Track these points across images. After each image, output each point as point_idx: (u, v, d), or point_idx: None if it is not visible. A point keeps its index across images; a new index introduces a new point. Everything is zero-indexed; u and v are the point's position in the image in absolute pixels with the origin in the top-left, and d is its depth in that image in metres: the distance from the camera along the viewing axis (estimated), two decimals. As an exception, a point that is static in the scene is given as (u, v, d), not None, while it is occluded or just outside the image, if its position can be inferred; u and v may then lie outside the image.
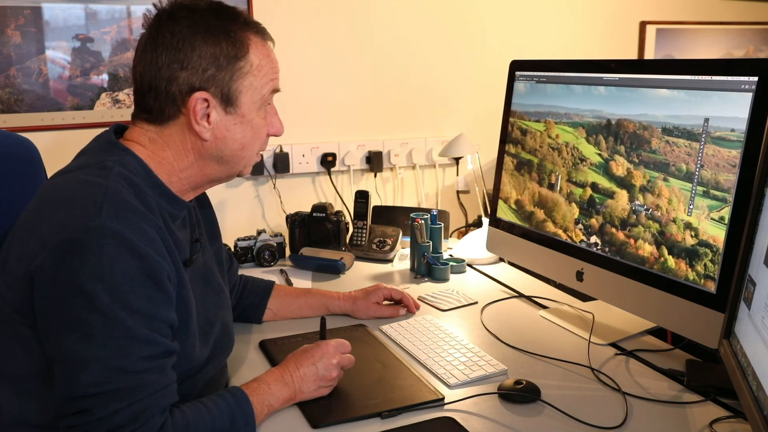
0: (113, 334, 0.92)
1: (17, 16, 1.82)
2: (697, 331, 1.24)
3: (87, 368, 0.92)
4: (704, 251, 1.22)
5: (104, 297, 0.91)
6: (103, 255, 0.92)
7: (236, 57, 1.07)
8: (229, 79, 1.07)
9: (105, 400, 0.92)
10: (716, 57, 2.78)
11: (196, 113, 1.06)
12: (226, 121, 1.09)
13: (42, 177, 1.37)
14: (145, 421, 0.94)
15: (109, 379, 0.92)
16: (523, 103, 1.71)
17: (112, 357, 0.92)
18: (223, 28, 1.07)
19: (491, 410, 1.18)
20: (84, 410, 0.92)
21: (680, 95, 1.30)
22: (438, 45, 2.34)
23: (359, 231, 2.05)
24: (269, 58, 1.13)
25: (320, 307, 1.57)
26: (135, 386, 0.94)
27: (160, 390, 0.97)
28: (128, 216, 0.96)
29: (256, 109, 1.11)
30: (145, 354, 0.95)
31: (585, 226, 1.50)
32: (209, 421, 1.02)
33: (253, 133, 1.13)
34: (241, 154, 1.13)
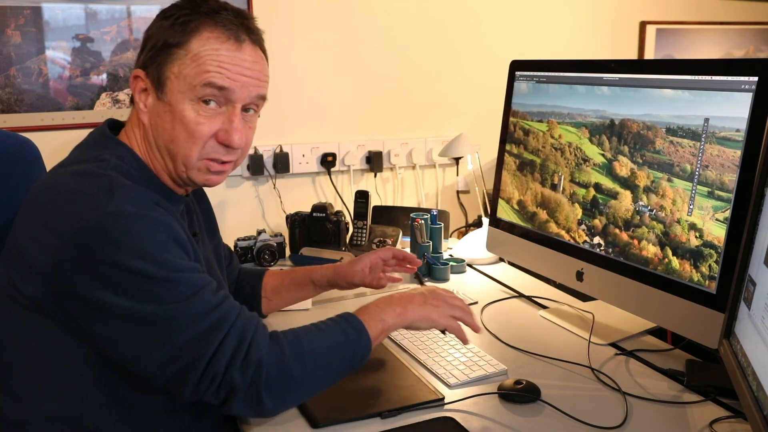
0: (178, 290, 0.97)
1: (17, 16, 1.82)
2: (697, 331, 1.24)
3: (173, 320, 0.96)
4: (709, 252, 1.22)
5: (152, 268, 0.95)
6: (131, 233, 0.95)
7: (177, 43, 1.05)
8: (162, 61, 1.06)
9: (204, 342, 0.96)
10: (716, 57, 2.78)
11: (135, 91, 1.09)
12: (158, 107, 1.08)
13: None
14: (251, 335, 0.99)
15: (197, 322, 0.97)
16: (525, 103, 1.71)
17: (188, 305, 0.97)
18: (181, 13, 1.07)
19: (491, 410, 1.18)
20: (191, 360, 0.96)
21: (684, 95, 1.30)
22: (438, 45, 2.34)
23: (359, 231, 2.05)
24: (215, 51, 1.05)
25: (305, 281, 1.49)
26: (221, 317, 0.98)
27: (241, 309, 1.03)
28: (137, 197, 1.00)
29: (186, 99, 1.05)
30: (210, 290, 1.00)
31: (588, 226, 1.50)
32: (320, 334, 1.06)
33: (182, 128, 1.06)
34: (173, 149, 1.08)
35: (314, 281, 1.48)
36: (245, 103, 1.10)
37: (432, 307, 1.19)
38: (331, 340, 1.07)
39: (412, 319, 1.17)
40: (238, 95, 1.07)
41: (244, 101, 1.09)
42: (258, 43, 1.12)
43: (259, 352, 0.99)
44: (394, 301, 1.17)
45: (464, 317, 1.22)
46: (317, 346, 1.05)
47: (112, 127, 1.15)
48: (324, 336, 1.07)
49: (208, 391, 0.98)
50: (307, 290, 1.50)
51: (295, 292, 1.51)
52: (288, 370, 1.01)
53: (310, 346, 1.04)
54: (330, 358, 1.06)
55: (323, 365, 1.05)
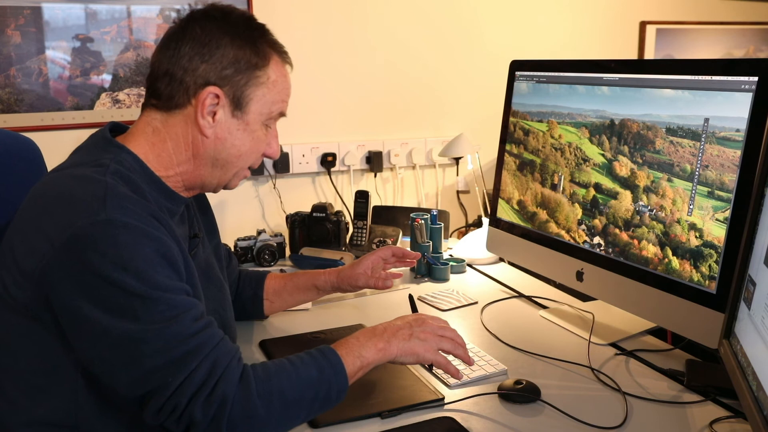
0: (156, 310, 0.94)
1: (17, 16, 1.82)
2: (697, 331, 1.24)
3: (146, 342, 0.93)
4: (709, 252, 1.22)
5: (134, 283, 0.93)
6: (118, 245, 0.94)
7: (256, 66, 1.09)
8: (244, 83, 1.09)
9: (174, 368, 0.94)
10: (716, 57, 2.78)
11: (204, 107, 1.07)
12: (230, 124, 1.10)
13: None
14: (222, 370, 0.96)
15: (170, 347, 0.94)
16: (525, 103, 1.71)
17: (165, 327, 0.94)
18: (250, 36, 1.10)
19: (491, 410, 1.18)
20: (159, 385, 0.94)
21: (684, 95, 1.30)
22: (438, 45, 2.34)
23: (359, 231, 2.05)
24: (285, 79, 1.14)
25: (308, 286, 1.50)
26: (196, 346, 0.96)
27: (221, 340, 0.99)
28: (131, 207, 0.98)
29: (261, 121, 1.12)
30: (191, 316, 0.97)
31: (588, 226, 1.50)
32: (293, 371, 1.02)
33: (252, 144, 1.13)
34: (235, 162, 1.13)
35: (318, 286, 1.49)
36: None
37: (418, 342, 1.13)
38: (304, 377, 1.02)
39: (396, 354, 1.12)
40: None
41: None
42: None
43: (226, 389, 0.95)
44: (377, 334, 1.13)
45: (454, 350, 1.16)
46: (287, 385, 1.01)
47: (113, 131, 1.14)
48: (297, 372, 1.02)
49: (169, 420, 0.96)
50: (310, 294, 1.52)
51: (297, 295, 1.52)
52: (253, 410, 0.97)
53: (278, 385, 1.00)
54: (300, 396, 1.01)
55: (291, 405, 1.01)
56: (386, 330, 1.14)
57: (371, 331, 1.14)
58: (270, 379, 1.00)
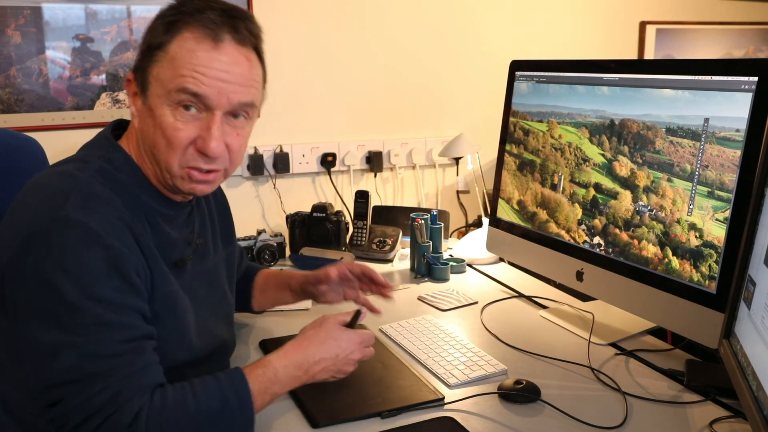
0: (82, 322, 0.91)
1: (17, 16, 1.82)
2: (697, 331, 1.24)
3: (58, 356, 0.90)
4: (709, 252, 1.22)
5: (69, 287, 0.90)
6: (67, 246, 0.91)
7: (159, 45, 1.01)
8: (146, 65, 1.03)
9: (79, 387, 0.90)
10: (716, 57, 2.78)
11: (128, 95, 1.07)
12: (143, 112, 1.04)
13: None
14: (122, 403, 0.91)
15: (82, 366, 0.90)
16: (525, 103, 1.71)
17: (83, 344, 0.91)
18: (167, 14, 1.03)
19: (491, 410, 1.18)
20: (59, 400, 0.91)
21: (684, 95, 1.30)
22: (438, 45, 2.34)
23: (359, 231, 2.05)
24: (191, 53, 0.99)
25: (283, 286, 1.47)
26: (108, 370, 0.92)
27: (138, 371, 0.94)
28: (95, 207, 0.95)
29: (164, 104, 1.00)
30: (118, 338, 0.93)
31: (588, 226, 1.50)
32: (192, 402, 0.96)
33: (161, 133, 1.01)
34: (156, 155, 1.03)
35: (290, 287, 1.46)
36: (227, 110, 1.03)
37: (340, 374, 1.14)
38: (206, 408, 0.96)
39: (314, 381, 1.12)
40: (215, 102, 1.00)
41: (225, 108, 1.02)
42: (244, 43, 1.03)
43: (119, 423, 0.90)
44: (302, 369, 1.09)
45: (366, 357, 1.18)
46: (184, 419, 0.94)
47: (119, 127, 1.13)
48: (197, 403, 0.96)
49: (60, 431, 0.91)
50: (284, 294, 1.47)
51: (276, 293, 1.48)
52: None
53: (175, 418, 0.94)
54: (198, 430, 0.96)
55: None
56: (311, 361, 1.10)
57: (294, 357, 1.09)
58: (167, 410, 0.94)
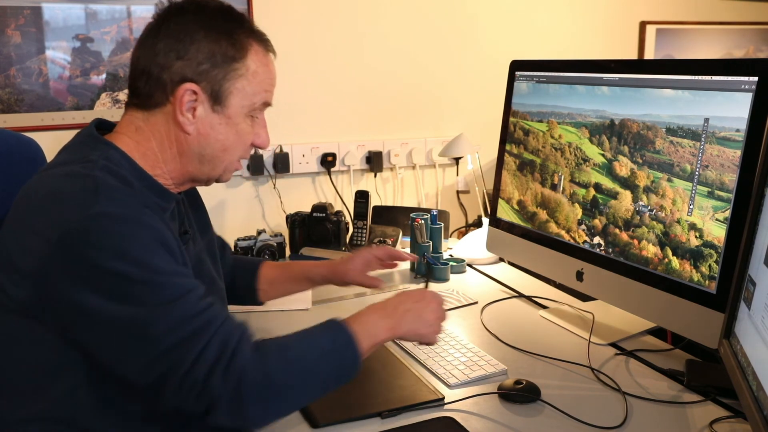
0: (161, 293, 0.94)
1: (17, 16, 1.82)
2: (697, 331, 1.24)
3: (154, 323, 0.93)
4: (709, 252, 1.22)
5: (134, 270, 0.93)
6: (114, 236, 0.93)
7: (234, 58, 1.07)
8: (222, 77, 1.07)
9: (185, 347, 0.93)
10: (716, 57, 2.78)
11: (183, 104, 1.06)
12: (212, 119, 1.08)
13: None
14: (235, 344, 0.95)
15: (180, 326, 0.94)
16: (525, 103, 1.71)
17: (171, 309, 0.94)
18: (226, 28, 1.08)
19: (491, 410, 1.18)
20: (172, 366, 0.93)
21: (684, 95, 1.30)
22: (438, 45, 2.34)
23: (359, 231, 2.05)
24: (267, 68, 1.12)
25: (301, 278, 1.49)
26: (205, 323, 0.95)
27: (227, 318, 0.99)
28: (123, 198, 0.98)
29: (243, 114, 1.10)
30: (195, 296, 0.97)
31: (588, 226, 1.50)
32: (306, 342, 1.02)
33: (236, 137, 1.11)
34: (222, 156, 1.12)
35: (311, 278, 1.48)
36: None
37: (424, 324, 1.16)
38: (319, 347, 1.03)
39: (403, 333, 1.14)
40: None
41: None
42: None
43: (242, 361, 0.95)
44: (388, 314, 1.13)
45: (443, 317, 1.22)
46: (303, 353, 1.01)
47: (100, 128, 1.13)
48: (312, 343, 1.03)
49: (188, 399, 0.95)
50: (303, 285, 1.50)
51: (291, 285, 1.50)
52: (272, 379, 0.98)
53: (295, 354, 1.01)
54: (317, 366, 1.02)
55: (310, 373, 1.01)
56: (396, 309, 1.15)
57: (381, 309, 1.14)
58: (286, 349, 1.01)
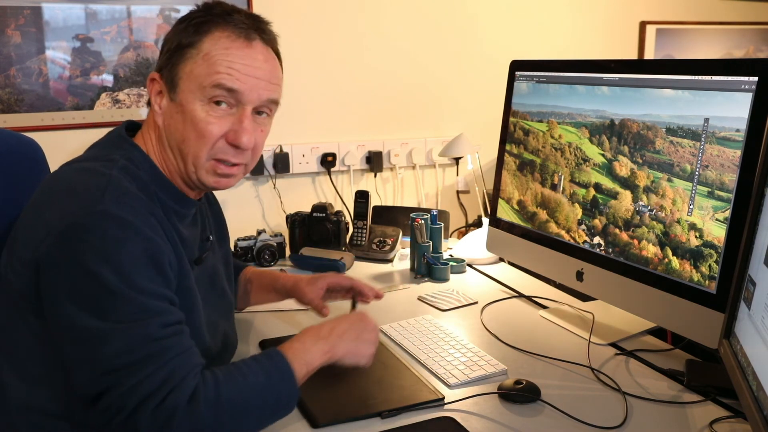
0: (127, 310, 0.93)
1: (17, 16, 1.82)
2: (697, 331, 1.24)
3: (108, 342, 0.92)
4: (709, 252, 1.22)
5: (111, 277, 0.92)
6: (107, 237, 0.93)
7: (190, 44, 1.06)
8: (175, 62, 1.07)
9: (131, 370, 0.92)
10: (716, 57, 2.78)
11: (151, 94, 1.10)
12: (171, 108, 1.08)
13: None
14: (177, 382, 0.94)
15: (132, 349, 0.93)
16: (525, 103, 1.71)
17: (132, 328, 0.93)
18: (194, 16, 1.08)
19: (491, 410, 1.18)
20: (111, 386, 0.92)
21: (684, 95, 1.30)
22: (438, 45, 2.34)
23: (359, 231, 2.05)
24: (227, 50, 1.05)
25: (269, 288, 1.48)
26: (159, 351, 0.94)
27: (185, 351, 0.97)
28: (130, 202, 0.98)
29: (197, 100, 1.05)
30: (161, 322, 0.96)
31: (588, 226, 1.50)
32: (240, 378, 1.00)
33: (192, 128, 1.06)
34: (184, 149, 1.08)
35: (276, 289, 1.48)
36: (256, 106, 1.09)
37: (363, 344, 1.16)
38: (252, 383, 1.00)
39: (340, 356, 1.14)
40: (247, 97, 1.07)
41: (255, 104, 1.08)
42: (270, 44, 1.13)
43: (177, 401, 0.92)
44: (322, 337, 1.12)
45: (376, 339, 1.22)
46: (235, 393, 0.98)
47: (130, 129, 1.15)
48: (245, 379, 1.00)
49: (114, 422, 0.93)
50: (270, 296, 1.50)
51: (259, 294, 1.50)
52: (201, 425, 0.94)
53: (227, 394, 0.97)
54: (248, 403, 0.99)
55: (240, 414, 0.98)
56: (332, 332, 1.14)
57: (315, 334, 1.13)
58: (218, 387, 0.97)
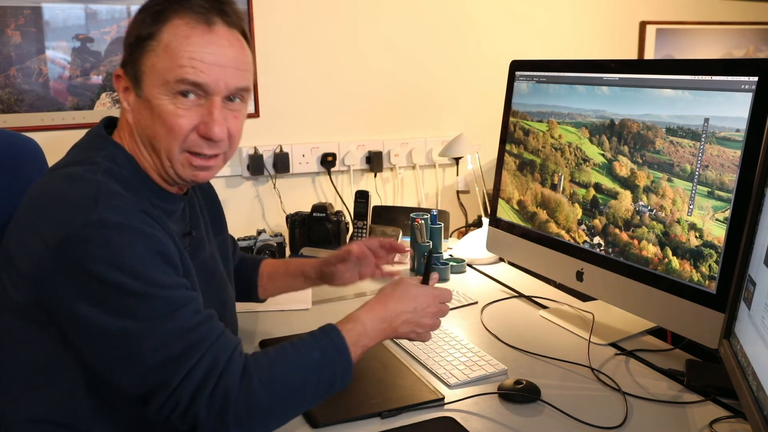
0: (154, 306, 0.93)
1: (17, 16, 1.82)
2: (697, 331, 1.24)
3: (144, 339, 0.92)
4: (709, 252, 1.22)
5: (129, 281, 0.92)
6: (112, 245, 0.92)
7: (149, 35, 1.01)
8: (137, 57, 1.02)
9: (174, 365, 0.92)
10: (716, 57, 2.78)
11: (118, 90, 1.07)
12: (138, 105, 1.04)
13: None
14: (224, 365, 0.94)
15: (170, 343, 0.92)
16: (525, 103, 1.71)
17: (163, 323, 0.93)
18: (152, 4, 1.03)
19: (491, 410, 1.18)
20: (159, 384, 0.92)
21: (684, 95, 1.30)
22: (438, 45, 2.34)
23: (359, 231, 2.05)
24: (187, 40, 1.00)
25: (297, 273, 1.47)
26: (197, 341, 0.94)
27: (222, 333, 0.97)
28: (123, 205, 0.97)
29: (162, 94, 1.01)
30: (190, 310, 0.96)
31: (588, 226, 1.50)
32: (293, 353, 0.99)
33: (161, 123, 1.02)
34: (156, 145, 1.05)
35: (305, 273, 1.46)
36: (225, 95, 1.04)
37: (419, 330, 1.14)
38: (306, 360, 1.00)
39: (397, 336, 1.13)
40: (213, 88, 1.02)
41: (223, 93, 1.04)
42: (235, 26, 1.05)
43: (229, 384, 0.93)
44: (384, 319, 1.10)
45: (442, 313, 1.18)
46: (289, 370, 0.98)
47: (109, 125, 1.13)
48: (299, 356, 1.00)
49: (173, 417, 0.94)
50: (298, 281, 1.47)
51: (287, 281, 1.48)
52: (257, 401, 0.95)
53: (281, 371, 0.98)
54: (303, 381, 0.99)
55: (296, 391, 0.99)
56: (396, 316, 1.11)
57: (381, 312, 1.11)
58: (272, 367, 0.98)
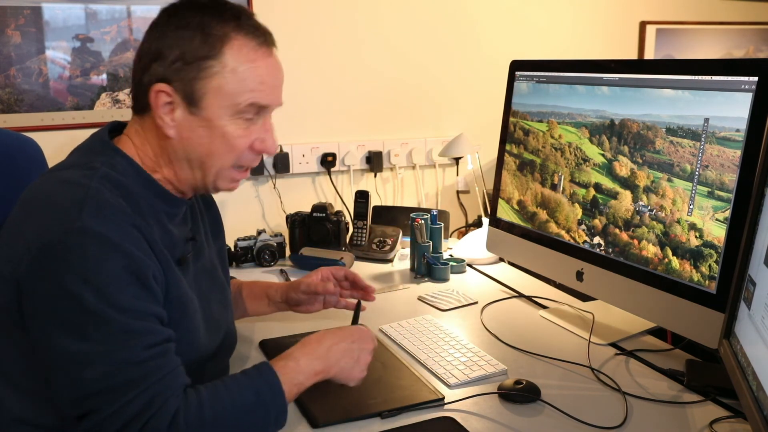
0: (108, 331, 0.91)
1: (17, 16, 1.82)
2: (697, 331, 1.24)
3: (89, 365, 0.90)
4: (709, 252, 1.22)
5: (91, 298, 0.90)
6: (87, 256, 0.91)
7: (207, 56, 1.01)
8: (193, 77, 1.01)
9: (112, 396, 0.91)
10: (716, 57, 2.78)
11: (158, 106, 1.03)
12: (191, 122, 1.03)
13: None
14: (159, 406, 0.92)
15: (114, 374, 0.91)
16: (525, 103, 1.71)
17: (113, 351, 0.91)
18: (200, 22, 1.02)
19: (491, 410, 1.18)
20: (92, 410, 0.91)
21: (684, 95, 1.30)
22: (438, 45, 2.34)
23: (359, 231, 2.05)
24: (254, 64, 1.04)
25: (261, 296, 1.46)
26: (141, 376, 0.92)
27: (168, 374, 0.95)
28: (110, 215, 0.95)
29: (226, 116, 1.03)
30: (144, 344, 0.94)
31: (588, 226, 1.50)
32: (227, 397, 0.98)
33: (223, 141, 1.04)
34: (209, 162, 1.06)
35: (269, 296, 1.45)
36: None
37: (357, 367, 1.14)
38: (239, 402, 0.98)
39: (332, 377, 1.12)
40: (272, 108, 1.09)
41: (274, 108, 1.11)
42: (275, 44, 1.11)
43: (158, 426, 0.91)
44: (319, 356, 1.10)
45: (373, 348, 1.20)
46: (220, 412, 0.96)
47: (115, 129, 1.12)
48: (232, 398, 0.98)
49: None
50: (261, 305, 1.46)
51: (250, 303, 1.46)
52: None
53: (211, 414, 0.95)
54: (237, 424, 0.97)
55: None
56: (329, 352, 1.11)
57: (312, 351, 1.10)
58: (202, 408, 0.95)
